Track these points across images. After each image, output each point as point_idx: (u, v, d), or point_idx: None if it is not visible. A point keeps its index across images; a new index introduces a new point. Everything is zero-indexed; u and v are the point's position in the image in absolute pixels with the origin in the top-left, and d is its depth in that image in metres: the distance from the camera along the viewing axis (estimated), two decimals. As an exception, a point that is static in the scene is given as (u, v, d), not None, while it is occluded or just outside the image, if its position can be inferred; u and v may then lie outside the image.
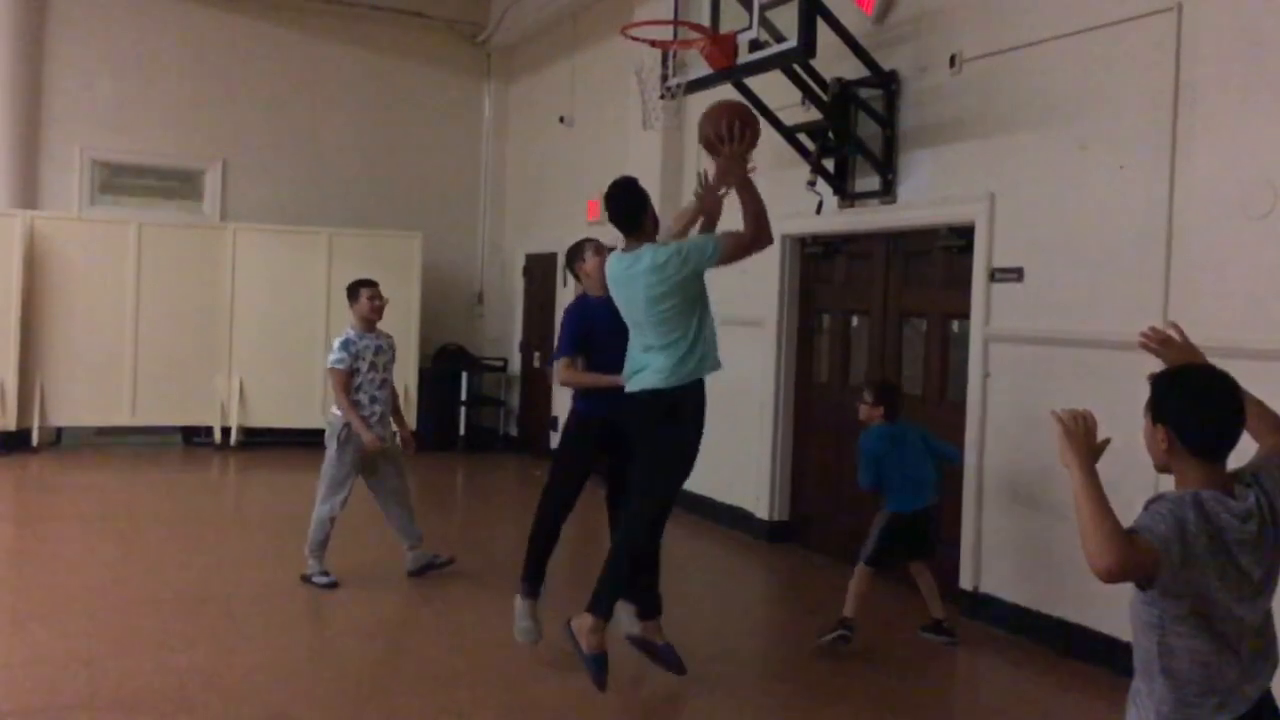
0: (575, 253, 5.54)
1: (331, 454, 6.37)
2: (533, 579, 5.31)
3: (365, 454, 6.33)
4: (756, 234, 4.49)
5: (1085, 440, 2.35)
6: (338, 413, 6.37)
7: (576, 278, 5.49)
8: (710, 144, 4.64)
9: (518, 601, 5.32)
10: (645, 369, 4.54)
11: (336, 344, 6.41)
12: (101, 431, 11.23)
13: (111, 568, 6.69)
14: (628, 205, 4.70)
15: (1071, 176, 5.61)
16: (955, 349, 6.55)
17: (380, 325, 6.60)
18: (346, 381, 6.33)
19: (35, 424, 10.59)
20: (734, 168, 4.52)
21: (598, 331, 5.09)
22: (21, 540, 7.61)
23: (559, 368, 5.26)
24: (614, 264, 4.69)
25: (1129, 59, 5.32)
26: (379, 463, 6.47)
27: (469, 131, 13.25)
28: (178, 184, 12.10)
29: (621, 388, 4.68)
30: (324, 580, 6.30)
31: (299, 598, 6.21)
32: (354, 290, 6.61)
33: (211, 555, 7.17)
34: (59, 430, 11.11)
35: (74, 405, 10.84)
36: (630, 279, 4.51)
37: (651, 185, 9.16)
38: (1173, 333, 2.79)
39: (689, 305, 4.49)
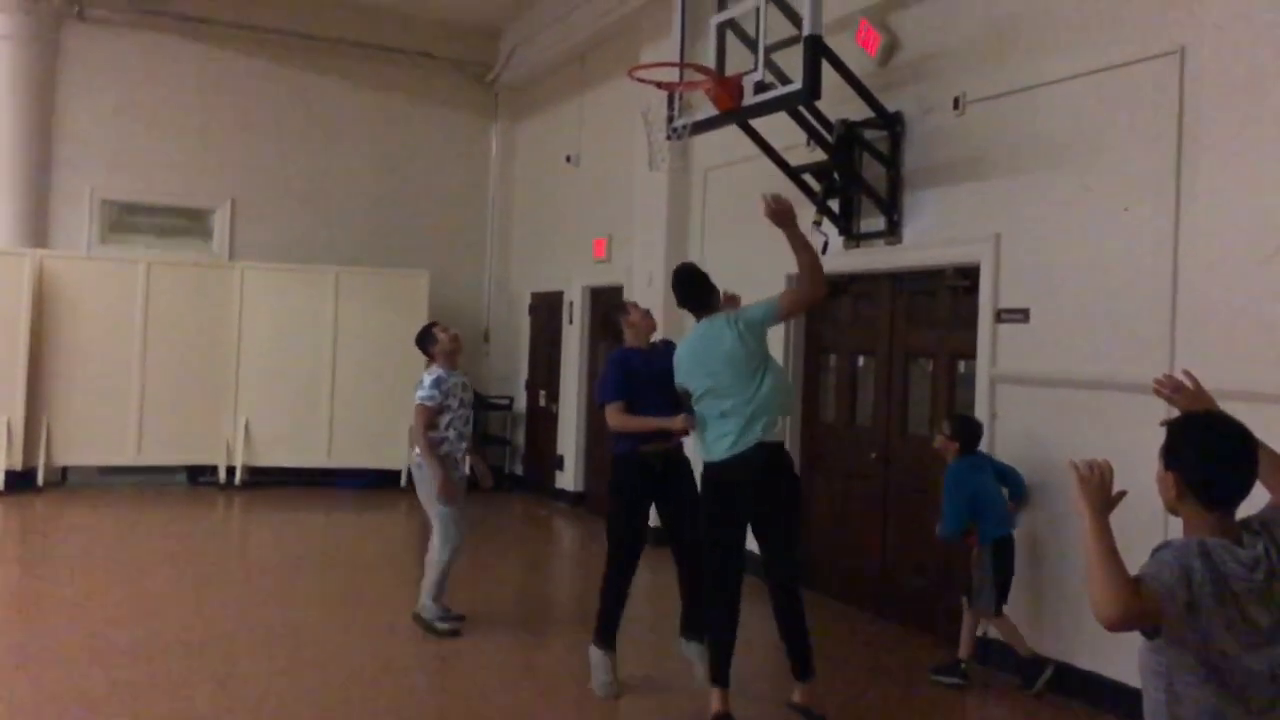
0: (618, 310, 5.74)
1: (435, 495, 6.29)
2: (607, 633, 5.43)
3: (460, 482, 6.31)
4: (811, 288, 5.00)
5: (1100, 490, 2.35)
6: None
7: (618, 333, 5.62)
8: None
9: (595, 654, 5.41)
10: (737, 425, 4.87)
11: (428, 381, 6.31)
12: (106, 470, 11.23)
13: (115, 609, 6.66)
14: (698, 289, 5.22)
15: (1076, 218, 5.62)
16: (962, 389, 6.53)
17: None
18: (433, 419, 6.28)
19: (41, 463, 10.59)
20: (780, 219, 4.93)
21: (638, 380, 5.35)
22: (26, 581, 7.58)
23: (610, 412, 5.37)
24: (691, 336, 5.14)
25: (1132, 101, 5.35)
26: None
27: (476, 170, 13.34)
28: (187, 223, 12.16)
29: (669, 430, 5.15)
30: (444, 626, 6.26)
31: (303, 641, 6.17)
32: (427, 334, 6.57)
33: (215, 597, 7.13)
34: (64, 469, 11.10)
35: (80, 444, 10.85)
36: (708, 344, 4.98)
37: (657, 225, 9.29)
38: (1186, 380, 2.79)
39: (762, 358, 4.95)
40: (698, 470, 5.20)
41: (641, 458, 5.32)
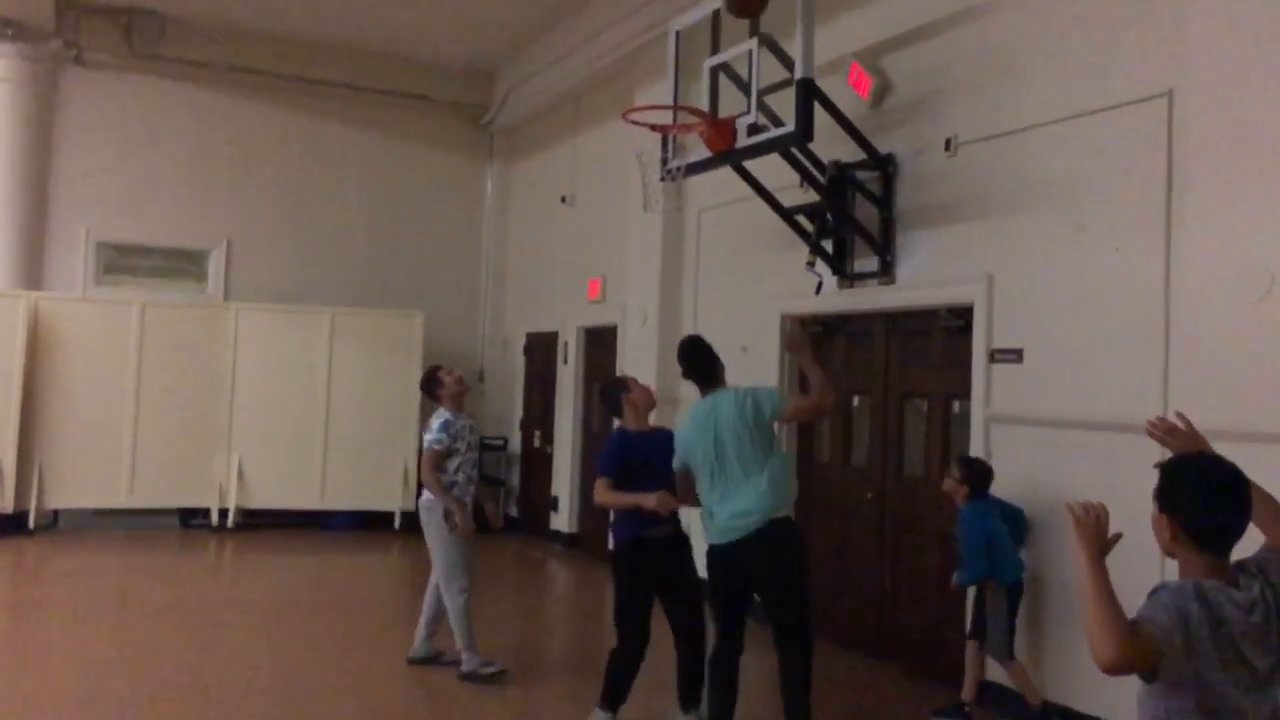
0: (619, 385, 5.69)
1: (443, 538, 6.22)
2: (613, 701, 5.36)
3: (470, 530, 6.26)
4: (820, 402, 5.15)
5: (1096, 533, 2.35)
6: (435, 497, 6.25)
7: (617, 410, 5.61)
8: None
9: (598, 713, 5.35)
10: (739, 505, 4.91)
11: (436, 425, 6.27)
12: (98, 513, 11.15)
13: (107, 655, 6.58)
14: (704, 362, 5.30)
15: (1068, 259, 5.65)
16: (957, 430, 6.53)
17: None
18: (441, 462, 6.23)
19: (32, 506, 10.53)
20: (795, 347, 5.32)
21: (636, 462, 5.33)
22: (16, 627, 7.50)
23: (598, 487, 5.34)
24: (695, 408, 5.21)
25: (1122, 143, 5.39)
26: None
27: (471, 211, 13.40)
28: (183, 264, 12.19)
29: (652, 511, 5.10)
30: (490, 670, 6.18)
31: (297, 686, 6.10)
32: (432, 378, 6.54)
33: (208, 642, 7.06)
34: (56, 512, 11.03)
35: (72, 487, 10.78)
36: (713, 415, 5.05)
37: (652, 266, 9.32)
38: (1179, 422, 2.79)
39: (766, 443, 5.01)
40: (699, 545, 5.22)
41: (642, 543, 5.29)
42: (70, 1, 11.08)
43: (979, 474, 5.70)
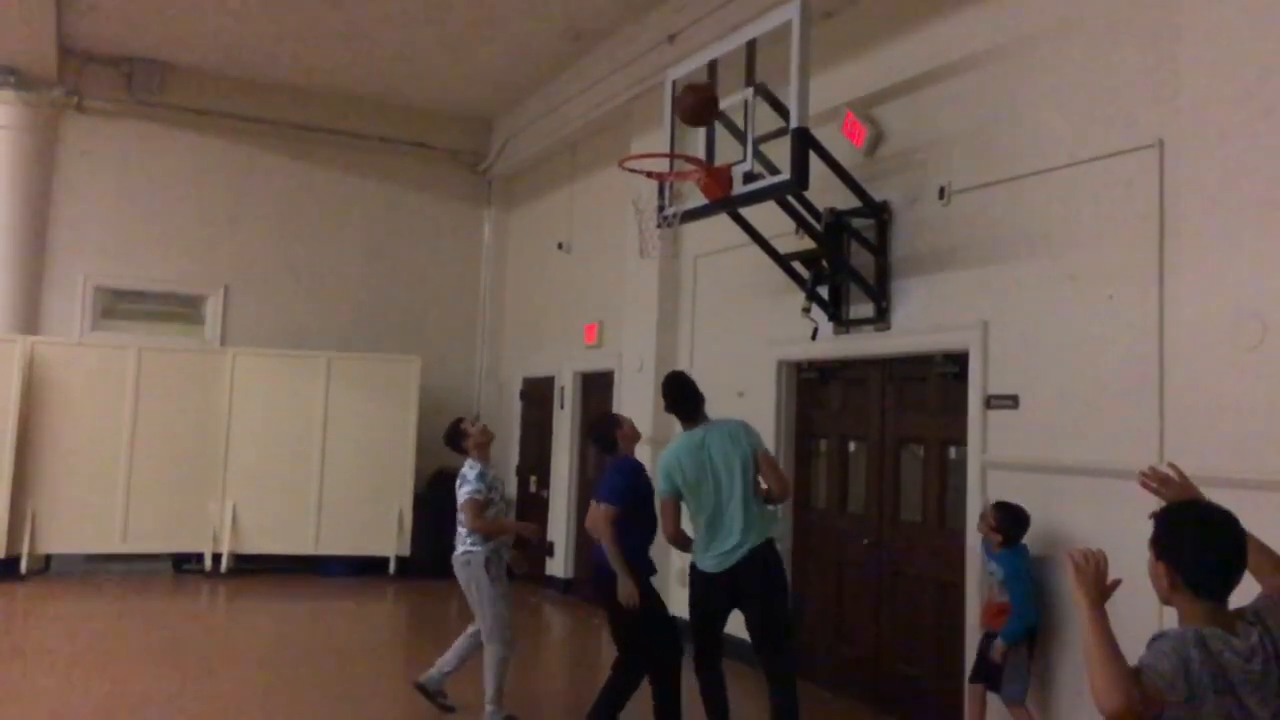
0: (610, 421, 5.92)
1: (488, 589, 6.18)
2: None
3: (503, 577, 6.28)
4: (787, 480, 5.67)
5: (1095, 580, 2.36)
6: (475, 548, 6.18)
7: (610, 446, 5.76)
8: None
9: None
10: (732, 539, 5.30)
11: (473, 476, 6.25)
12: (91, 558, 11.08)
13: (97, 703, 6.52)
14: (688, 396, 5.62)
15: (1062, 305, 5.69)
16: (954, 476, 6.52)
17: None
18: (481, 512, 6.20)
19: (25, 550, 10.45)
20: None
21: (644, 491, 5.59)
22: (5, 673, 7.42)
23: (606, 515, 5.40)
24: (686, 440, 5.49)
25: (1114, 192, 5.45)
26: None
27: (469, 257, 13.46)
28: (180, 309, 12.19)
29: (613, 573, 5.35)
30: None
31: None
32: (456, 431, 6.51)
33: (200, 690, 6.98)
34: (48, 557, 10.95)
35: (65, 532, 10.72)
36: (705, 448, 5.38)
37: (649, 311, 9.35)
38: (1171, 472, 2.81)
39: (752, 472, 5.38)
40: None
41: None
42: (72, 49, 11.20)
43: (1018, 521, 5.59)
